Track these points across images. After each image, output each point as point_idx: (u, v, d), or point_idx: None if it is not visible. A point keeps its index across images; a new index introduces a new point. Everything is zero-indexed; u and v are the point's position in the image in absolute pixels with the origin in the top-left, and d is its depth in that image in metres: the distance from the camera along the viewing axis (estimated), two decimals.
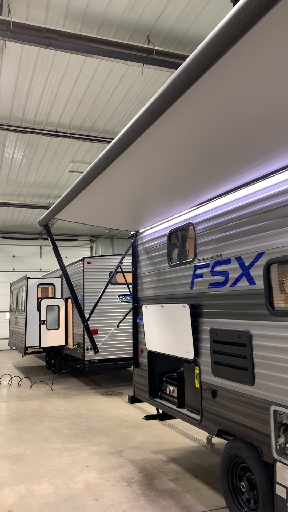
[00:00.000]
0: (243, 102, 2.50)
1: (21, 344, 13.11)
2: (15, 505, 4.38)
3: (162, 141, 3.13)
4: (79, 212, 5.22)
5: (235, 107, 2.56)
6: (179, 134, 3.01)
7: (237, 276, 3.87)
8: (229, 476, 3.96)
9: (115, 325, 7.06)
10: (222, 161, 3.42)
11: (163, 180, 3.99)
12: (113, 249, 23.18)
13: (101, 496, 4.53)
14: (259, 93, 2.41)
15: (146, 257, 5.93)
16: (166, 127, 2.86)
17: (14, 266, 21.31)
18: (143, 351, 5.94)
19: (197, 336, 4.47)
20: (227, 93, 2.43)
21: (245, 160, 3.35)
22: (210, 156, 3.34)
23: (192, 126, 2.86)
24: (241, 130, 2.86)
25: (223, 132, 2.91)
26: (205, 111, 2.65)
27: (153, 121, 2.68)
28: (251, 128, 2.83)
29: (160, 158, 3.46)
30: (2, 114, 9.08)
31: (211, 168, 3.56)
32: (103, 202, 4.83)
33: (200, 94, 2.43)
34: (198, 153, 3.30)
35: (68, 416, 7.96)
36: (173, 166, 3.62)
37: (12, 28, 5.74)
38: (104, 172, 3.75)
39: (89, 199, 4.66)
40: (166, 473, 5.10)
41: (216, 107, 2.59)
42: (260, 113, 2.63)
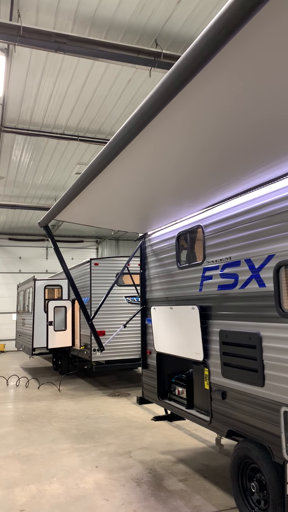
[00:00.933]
0: (250, 106, 2.54)
1: (29, 345, 13.19)
2: (26, 504, 4.43)
3: (171, 145, 3.17)
4: (83, 213, 5.25)
5: (243, 110, 2.60)
6: (187, 139, 3.05)
7: (247, 278, 3.90)
8: (239, 476, 3.99)
9: (122, 325, 7.10)
10: (232, 165, 3.45)
11: (173, 184, 4.03)
12: (118, 250, 23.26)
13: (111, 496, 4.58)
14: (265, 96, 2.44)
15: (154, 259, 5.97)
16: (173, 130, 2.90)
17: (20, 268, 21.43)
18: (151, 353, 5.98)
19: (206, 337, 4.51)
20: (234, 96, 2.47)
21: (255, 163, 3.39)
22: (220, 160, 3.38)
23: (201, 131, 2.90)
24: (250, 134, 2.90)
25: (232, 136, 2.95)
26: (214, 115, 2.69)
27: (152, 118, 2.68)
28: (259, 133, 2.87)
29: (169, 162, 3.50)
30: (10, 117, 9.17)
31: (221, 172, 3.60)
32: (109, 204, 4.87)
33: (204, 97, 2.47)
34: (208, 157, 3.34)
35: (76, 416, 8.01)
36: (182, 170, 3.66)
37: (22, 33, 5.81)
38: (110, 175, 3.80)
39: (93, 201, 4.70)
40: (175, 473, 5.14)
41: (225, 110, 2.63)
42: (265, 118, 2.67)
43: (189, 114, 2.68)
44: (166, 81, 2.32)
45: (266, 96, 2.43)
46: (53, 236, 6.12)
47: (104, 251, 23.08)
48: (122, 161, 3.48)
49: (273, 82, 2.29)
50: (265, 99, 2.46)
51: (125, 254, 22.94)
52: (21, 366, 15.25)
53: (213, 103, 2.56)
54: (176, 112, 2.65)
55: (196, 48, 1.97)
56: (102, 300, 6.82)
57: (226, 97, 2.50)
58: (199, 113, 2.68)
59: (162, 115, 2.65)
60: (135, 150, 3.26)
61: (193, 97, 2.47)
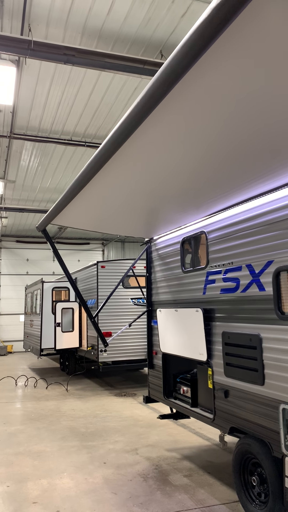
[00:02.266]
0: (253, 116, 2.70)
1: (37, 346, 13.45)
2: (39, 497, 4.66)
3: (173, 155, 3.39)
4: (86, 219, 5.35)
5: (246, 119, 2.77)
6: (187, 150, 3.26)
7: (248, 282, 4.12)
8: (241, 471, 4.20)
9: (127, 324, 7.32)
10: (235, 175, 3.67)
11: (177, 192, 4.25)
12: (124, 253, 23.51)
13: (119, 490, 4.80)
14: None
15: (160, 263, 6.20)
16: (172, 141, 3.10)
17: (27, 270, 21.73)
18: (157, 353, 6.20)
19: (209, 339, 4.72)
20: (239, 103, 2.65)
21: (256, 174, 3.60)
22: (223, 171, 3.59)
23: (200, 142, 3.08)
24: (251, 147, 3.11)
25: (235, 148, 3.14)
26: (215, 127, 2.89)
27: (145, 117, 2.75)
28: (260, 146, 3.07)
29: (172, 171, 3.70)
30: (20, 124, 9.44)
31: (224, 182, 3.81)
32: (115, 212, 5.03)
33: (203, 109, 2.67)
34: (211, 167, 3.55)
35: (84, 416, 8.24)
36: (186, 179, 3.87)
37: (33, 47, 6.06)
38: (113, 183, 3.97)
39: (98, 207, 4.84)
40: (180, 469, 5.35)
41: (227, 119, 2.82)
42: (267, 129, 2.86)
43: (185, 123, 2.85)
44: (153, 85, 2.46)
45: (265, 103, 2.51)
46: (52, 239, 6.26)
47: (110, 253, 23.34)
48: (127, 169, 3.66)
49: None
50: (264, 107, 2.55)
51: (131, 256, 23.19)
52: (29, 367, 15.52)
53: (206, 116, 2.76)
54: (170, 123, 2.83)
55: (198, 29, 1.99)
56: (106, 299, 7.06)
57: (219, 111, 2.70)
58: (197, 124, 2.82)
59: (156, 124, 2.83)
60: (136, 158, 3.43)
61: (186, 108, 2.66)
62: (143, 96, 2.56)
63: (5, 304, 21.28)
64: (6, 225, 19.12)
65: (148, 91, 2.51)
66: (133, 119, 2.76)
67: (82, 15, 6.15)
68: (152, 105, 2.54)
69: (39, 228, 5.88)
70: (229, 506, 4.35)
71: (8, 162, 11.65)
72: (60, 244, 22.40)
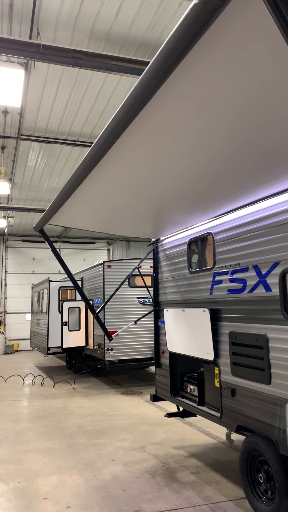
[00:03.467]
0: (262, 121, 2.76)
1: (44, 344, 13.58)
2: (49, 493, 4.77)
3: (179, 158, 3.46)
4: (90, 219, 5.40)
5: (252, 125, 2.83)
6: (195, 153, 3.33)
7: (254, 283, 4.19)
8: (247, 468, 4.28)
9: (133, 321, 7.42)
10: (242, 177, 3.73)
11: (183, 195, 4.32)
12: (129, 252, 23.60)
13: (128, 486, 4.89)
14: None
15: (167, 263, 6.28)
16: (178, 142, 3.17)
17: (34, 269, 21.88)
18: (164, 352, 6.28)
19: (216, 338, 4.80)
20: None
21: (262, 178, 3.67)
22: (230, 173, 3.66)
23: (208, 144, 3.14)
24: (258, 149, 3.17)
25: (242, 149, 3.20)
26: (220, 132, 2.96)
27: (133, 115, 2.67)
28: (267, 148, 3.14)
29: (179, 173, 3.77)
30: (27, 125, 9.54)
31: (231, 185, 3.88)
32: (121, 213, 5.10)
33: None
34: (218, 170, 3.62)
35: (91, 414, 8.35)
36: (193, 182, 3.94)
37: (42, 50, 6.15)
38: (117, 187, 4.03)
39: (103, 209, 4.91)
40: (187, 467, 5.44)
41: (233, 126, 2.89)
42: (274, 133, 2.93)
43: (190, 124, 2.89)
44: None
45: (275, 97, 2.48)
46: (50, 239, 6.32)
47: (115, 252, 23.44)
48: (131, 171, 3.69)
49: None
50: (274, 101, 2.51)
51: (136, 255, 23.28)
52: (35, 365, 15.66)
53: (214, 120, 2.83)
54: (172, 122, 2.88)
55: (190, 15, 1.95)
56: (110, 296, 7.17)
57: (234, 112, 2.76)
58: (203, 125, 2.84)
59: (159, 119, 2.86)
60: (140, 160, 3.48)
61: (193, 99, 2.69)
62: (133, 100, 2.54)
63: (11, 302, 21.44)
64: (12, 225, 19.26)
65: (134, 97, 2.51)
66: (122, 121, 2.72)
67: (90, 18, 6.23)
68: (144, 101, 2.49)
69: (36, 228, 5.87)
70: (236, 502, 4.43)
71: (15, 163, 11.77)
72: (66, 243, 22.55)
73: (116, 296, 10.65)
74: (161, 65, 2.09)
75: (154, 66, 2.15)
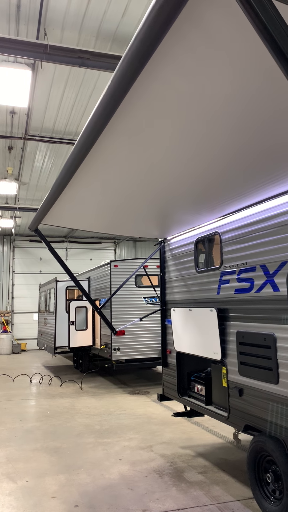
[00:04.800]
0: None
1: (51, 344, 13.63)
2: (57, 492, 4.79)
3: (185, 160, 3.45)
4: (93, 220, 5.41)
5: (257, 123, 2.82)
6: (201, 153, 3.33)
7: (262, 283, 4.17)
8: (255, 468, 4.27)
9: (139, 318, 7.45)
10: (249, 177, 3.73)
11: (189, 195, 4.31)
12: (136, 252, 23.61)
13: (135, 486, 4.90)
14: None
15: (173, 263, 6.27)
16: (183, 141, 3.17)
17: (41, 268, 21.97)
18: (171, 352, 6.28)
19: (224, 338, 4.79)
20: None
21: (272, 176, 3.65)
22: (237, 175, 3.66)
23: (214, 142, 3.13)
24: (265, 149, 3.16)
25: (249, 149, 3.19)
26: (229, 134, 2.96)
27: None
28: (274, 147, 3.13)
29: (186, 175, 3.77)
30: (34, 126, 9.57)
31: (239, 185, 3.87)
32: (128, 215, 5.10)
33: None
34: (226, 173, 3.62)
35: (98, 413, 8.37)
36: (199, 182, 3.94)
37: (49, 51, 6.17)
38: (123, 187, 4.02)
39: (108, 211, 4.91)
40: (194, 466, 5.44)
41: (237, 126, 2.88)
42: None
43: (196, 123, 2.88)
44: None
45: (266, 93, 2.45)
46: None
47: (122, 252, 23.46)
48: (136, 171, 3.70)
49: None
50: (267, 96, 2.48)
51: (143, 254, 23.29)
52: (42, 365, 15.72)
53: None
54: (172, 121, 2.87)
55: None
56: (113, 293, 7.21)
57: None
58: (208, 124, 2.80)
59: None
60: (146, 161, 3.47)
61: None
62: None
63: (18, 302, 21.55)
64: (20, 225, 19.35)
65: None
66: (100, 116, 2.64)
67: (97, 18, 6.24)
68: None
69: (31, 228, 5.80)
70: (244, 502, 4.42)
71: (22, 163, 11.82)
72: (72, 243, 22.62)
73: (123, 296, 10.67)
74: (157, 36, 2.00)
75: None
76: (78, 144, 3.11)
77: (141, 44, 1.96)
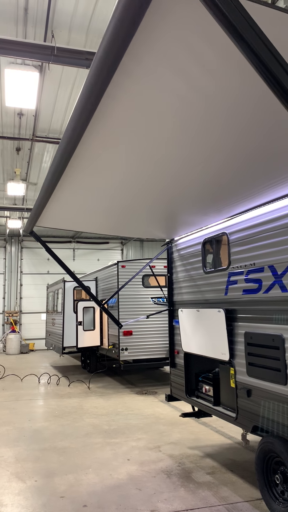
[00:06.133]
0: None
1: (59, 344, 13.68)
2: (66, 492, 4.81)
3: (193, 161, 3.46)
4: (99, 222, 5.43)
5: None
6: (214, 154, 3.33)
7: (270, 283, 4.17)
8: (264, 469, 4.26)
9: (145, 315, 7.50)
10: (257, 177, 3.72)
11: (197, 197, 4.31)
12: (143, 252, 23.63)
13: (143, 486, 4.91)
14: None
15: (181, 264, 6.28)
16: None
17: (48, 269, 22.07)
18: (179, 352, 6.29)
19: (232, 339, 4.78)
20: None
21: (279, 178, 3.65)
22: (245, 177, 3.66)
23: (223, 143, 3.13)
24: (273, 148, 3.16)
25: (257, 149, 3.19)
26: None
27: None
28: (282, 151, 3.13)
29: (193, 173, 3.77)
30: (42, 127, 9.62)
31: (247, 186, 3.87)
32: (134, 216, 5.11)
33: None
34: (234, 174, 3.62)
35: (106, 413, 8.39)
36: (208, 186, 3.94)
37: (56, 53, 6.20)
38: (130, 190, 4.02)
39: (114, 213, 4.91)
40: (203, 467, 5.44)
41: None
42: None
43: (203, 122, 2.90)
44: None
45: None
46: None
47: (129, 252, 23.49)
48: (148, 176, 3.72)
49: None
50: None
51: (150, 255, 23.30)
52: (51, 365, 15.79)
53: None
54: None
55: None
56: (118, 289, 7.27)
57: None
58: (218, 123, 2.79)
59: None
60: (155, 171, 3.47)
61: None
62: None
63: (26, 302, 21.67)
64: None
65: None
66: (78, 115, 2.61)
67: (104, 20, 6.26)
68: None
69: (26, 230, 5.81)
70: (253, 503, 4.41)
71: (30, 164, 11.88)
72: (80, 244, 22.69)
73: (131, 296, 10.69)
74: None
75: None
76: (62, 143, 2.96)
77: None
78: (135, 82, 2.33)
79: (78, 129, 2.71)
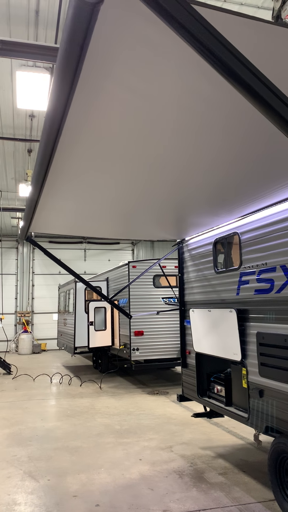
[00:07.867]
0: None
1: (71, 344, 13.76)
2: (78, 491, 4.84)
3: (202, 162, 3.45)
4: (107, 226, 5.45)
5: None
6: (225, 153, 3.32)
7: (282, 283, 4.14)
8: (277, 470, 4.24)
9: (156, 311, 7.54)
10: (269, 182, 3.70)
11: (207, 198, 4.30)
12: (153, 252, 23.64)
13: (155, 486, 4.92)
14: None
15: (192, 264, 6.27)
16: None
17: (60, 269, 22.19)
18: (191, 353, 6.28)
19: (244, 339, 4.77)
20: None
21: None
22: (257, 177, 3.64)
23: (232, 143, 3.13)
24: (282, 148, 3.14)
25: (267, 148, 3.18)
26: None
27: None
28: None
29: (204, 174, 3.76)
30: None
31: (258, 190, 3.85)
32: (143, 218, 5.12)
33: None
34: (246, 174, 3.61)
35: (118, 413, 8.41)
36: (217, 182, 3.93)
37: None
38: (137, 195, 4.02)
39: (120, 216, 4.92)
40: (215, 467, 5.42)
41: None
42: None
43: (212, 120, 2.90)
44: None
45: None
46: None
47: (139, 253, 23.52)
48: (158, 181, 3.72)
49: None
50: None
51: (161, 255, 23.29)
52: (62, 364, 15.88)
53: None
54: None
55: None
56: (126, 285, 7.30)
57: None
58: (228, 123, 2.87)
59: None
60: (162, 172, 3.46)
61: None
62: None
63: (38, 303, 21.83)
64: None
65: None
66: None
67: None
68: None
69: (21, 238, 5.78)
70: (265, 504, 4.39)
71: None
72: (91, 244, 22.79)
73: (142, 296, 10.71)
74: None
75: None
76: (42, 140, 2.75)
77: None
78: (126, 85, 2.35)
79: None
